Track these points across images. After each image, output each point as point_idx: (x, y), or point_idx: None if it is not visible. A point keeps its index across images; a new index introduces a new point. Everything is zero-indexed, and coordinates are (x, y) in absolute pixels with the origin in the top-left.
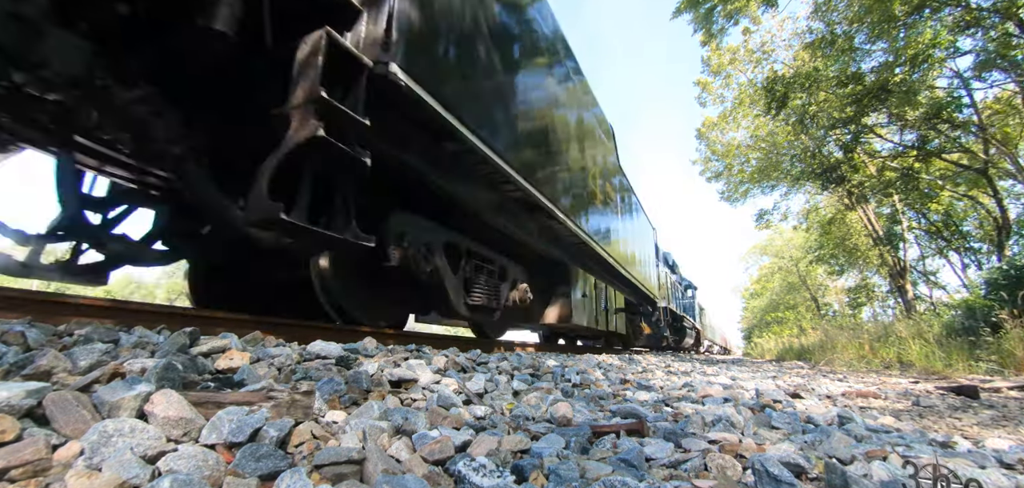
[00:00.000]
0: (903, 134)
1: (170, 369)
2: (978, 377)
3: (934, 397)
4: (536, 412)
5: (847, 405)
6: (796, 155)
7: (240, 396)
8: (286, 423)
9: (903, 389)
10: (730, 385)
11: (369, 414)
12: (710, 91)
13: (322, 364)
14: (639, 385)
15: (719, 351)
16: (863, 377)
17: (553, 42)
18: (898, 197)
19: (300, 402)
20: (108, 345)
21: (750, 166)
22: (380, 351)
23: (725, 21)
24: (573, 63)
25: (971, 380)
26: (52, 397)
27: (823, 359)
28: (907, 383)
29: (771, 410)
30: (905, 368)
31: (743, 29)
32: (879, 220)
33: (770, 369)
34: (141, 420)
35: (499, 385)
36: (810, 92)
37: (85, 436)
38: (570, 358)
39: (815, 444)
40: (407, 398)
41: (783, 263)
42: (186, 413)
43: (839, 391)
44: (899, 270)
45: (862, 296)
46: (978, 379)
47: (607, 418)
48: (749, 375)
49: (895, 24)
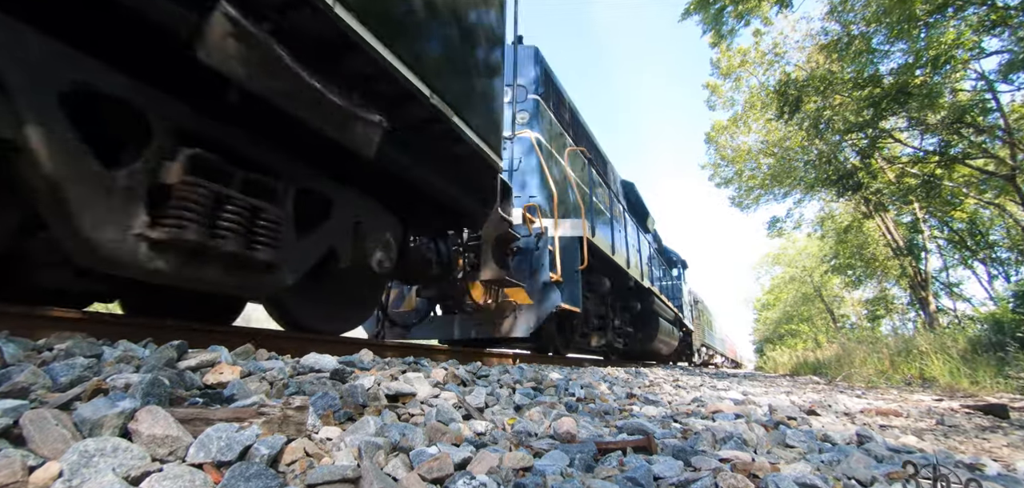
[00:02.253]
0: (924, 139)
1: (156, 384)
2: (1007, 395)
3: (960, 416)
4: (539, 428)
5: (866, 423)
6: (810, 161)
7: (229, 412)
8: (278, 440)
9: (926, 407)
10: (742, 400)
11: (365, 430)
12: (720, 94)
13: (316, 378)
14: (646, 400)
15: (729, 365)
16: (883, 394)
17: None
18: (919, 205)
19: (293, 418)
20: (90, 360)
21: (761, 172)
22: (377, 364)
23: (735, 22)
24: None
25: (999, 398)
26: (29, 415)
27: (840, 374)
28: (930, 400)
29: (786, 427)
30: (928, 385)
31: (754, 31)
32: (899, 229)
33: (784, 384)
34: (125, 439)
35: (500, 399)
36: (825, 95)
37: (64, 456)
38: (574, 371)
39: (833, 464)
40: (404, 413)
41: (797, 273)
42: (172, 431)
43: (858, 408)
44: (920, 281)
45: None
46: (1007, 397)
47: (613, 434)
48: (762, 390)
49: (916, 24)
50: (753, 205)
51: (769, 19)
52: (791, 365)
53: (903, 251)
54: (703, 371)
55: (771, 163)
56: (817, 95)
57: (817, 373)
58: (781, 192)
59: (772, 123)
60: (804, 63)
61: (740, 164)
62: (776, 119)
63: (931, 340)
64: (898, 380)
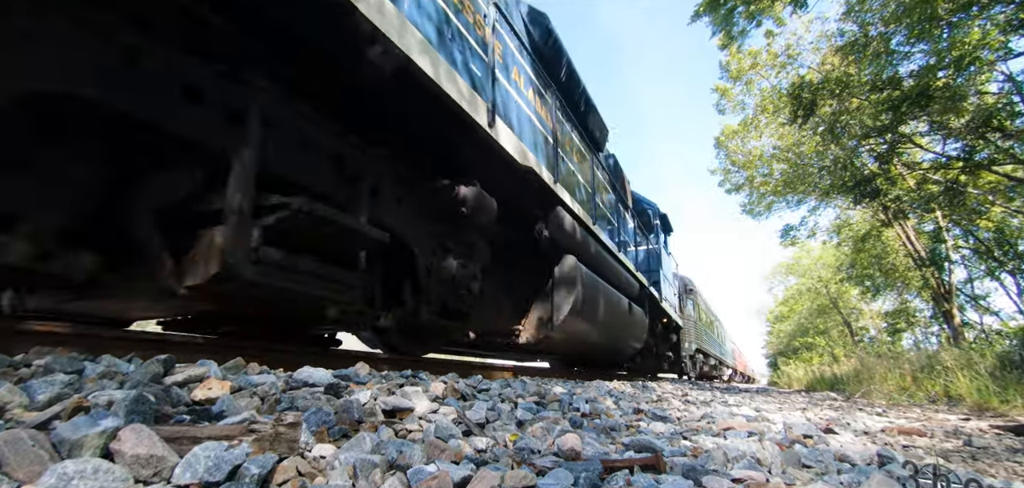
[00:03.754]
0: (946, 144)
1: (141, 401)
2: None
3: (989, 437)
4: (542, 444)
5: (888, 443)
6: (825, 167)
7: (218, 430)
8: (269, 459)
9: (952, 427)
10: (755, 417)
11: (360, 447)
12: (730, 97)
13: (310, 392)
14: (654, 415)
15: (739, 379)
16: (905, 412)
17: None
18: (941, 213)
19: (285, 435)
20: (71, 376)
21: (774, 178)
22: (373, 377)
23: (746, 22)
24: None
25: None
26: (4, 436)
27: (859, 390)
28: (956, 420)
29: (801, 446)
30: (953, 403)
31: (766, 32)
32: (920, 238)
33: (799, 400)
34: (107, 459)
35: (502, 414)
36: (841, 98)
37: (41, 480)
38: (579, 385)
39: (852, 486)
40: (402, 429)
41: (812, 284)
42: (157, 450)
43: (878, 427)
44: (944, 293)
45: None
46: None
47: (619, 452)
48: (776, 406)
49: (937, 24)
50: (765, 212)
51: (782, 19)
52: (806, 380)
53: (925, 261)
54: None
55: (784, 169)
56: (832, 98)
57: (834, 389)
58: (795, 199)
59: (785, 127)
60: (819, 65)
61: (751, 170)
62: (789, 123)
63: (957, 356)
64: (921, 397)
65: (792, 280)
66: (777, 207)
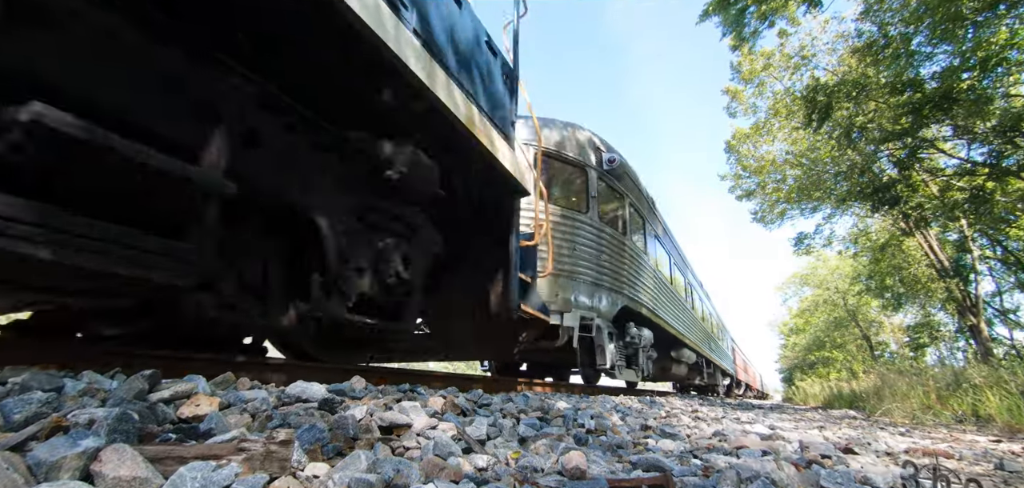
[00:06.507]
0: (971, 149)
1: (124, 419)
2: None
3: (1023, 460)
4: (545, 462)
5: (912, 464)
6: (841, 173)
7: (206, 449)
8: (259, 479)
9: (982, 449)
10: (769, 435)
11: (355, 466)
12: (741, 100)
13: (303, 408)
14: (662, 432)
15: (752, 394)
16: (930, 432)
17: None
18: (967, 221)
19: (276, 454)
20: (49, 394)
21: (787, 184)
22: (369, 392)
23: (758, 23)
24: None
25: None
26: None
27: (879, 408)
28: (986, 441)
29: (819, 467)
30: (983, 423)
31: (779, 32)
32: (944, 247)
33: (816, 417)
34: (87, 482)
35: (503, 430)
36: (858, 101)
37: None
38: (584, 400)
39: None
40: (399, 446)
41: (828, 295)
42: (141, 471)
43: (901, 448)
44: (970, 306)
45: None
46: None
47: (627, 471)
48: (791, 424)
49: (962, 23)
50: (778, 220)
51: (796, 19)
52: (823, 397)
53: (949, 272)
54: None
55: (797, 174)
56: (849, 101)
57: (853, 406)
58: (809, 206)
59: (799, 131)
60: (835, 67)
61: (763, 175)
62: (804, 127)
63: (985, 373)
64: (947, 417)
65: (807, 290)
66: (790, 215)
